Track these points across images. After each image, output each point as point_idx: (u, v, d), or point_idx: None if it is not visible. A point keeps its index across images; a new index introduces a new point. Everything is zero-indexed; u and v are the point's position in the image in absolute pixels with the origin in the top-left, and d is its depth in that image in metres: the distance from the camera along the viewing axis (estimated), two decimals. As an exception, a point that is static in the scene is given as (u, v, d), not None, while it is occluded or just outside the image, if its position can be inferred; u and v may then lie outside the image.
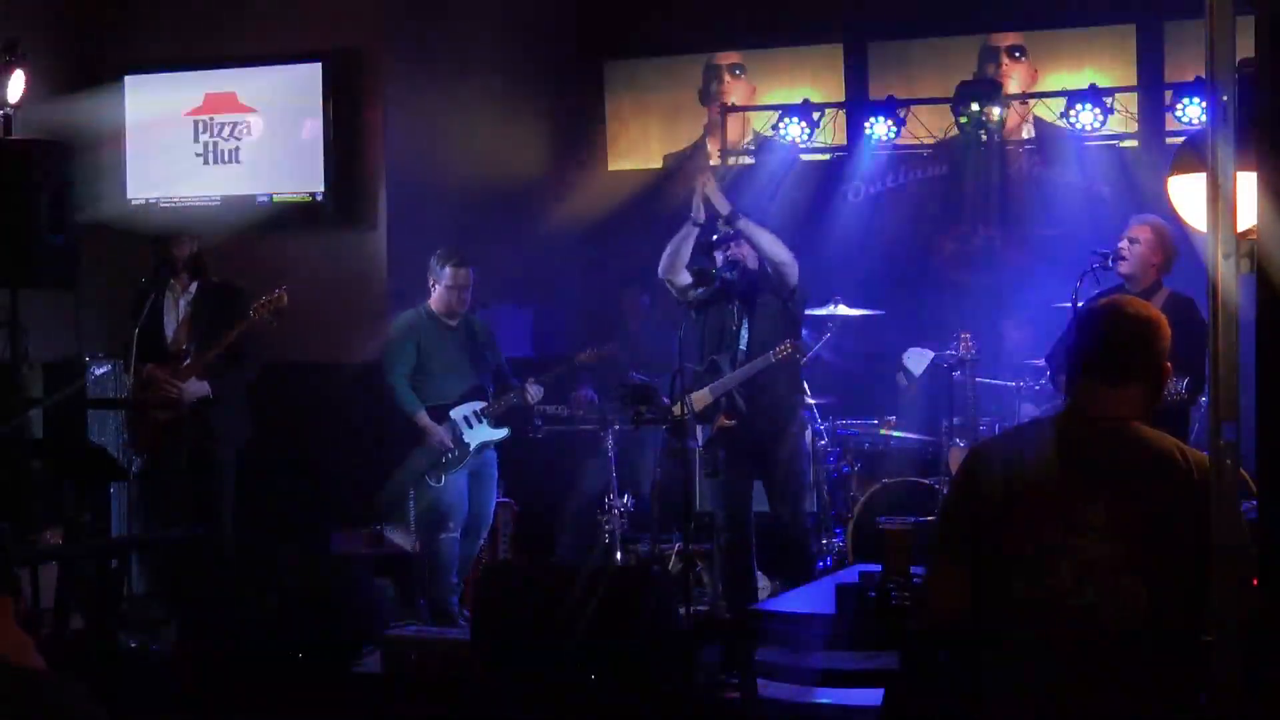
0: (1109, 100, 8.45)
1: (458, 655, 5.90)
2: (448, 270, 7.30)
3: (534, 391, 7.45)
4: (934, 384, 7.92)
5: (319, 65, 8.35)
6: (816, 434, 7.65)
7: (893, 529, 4.40)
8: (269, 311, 7.03)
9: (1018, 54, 9.37)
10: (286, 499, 7.75)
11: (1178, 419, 5.69)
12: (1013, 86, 9.17)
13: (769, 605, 6.52)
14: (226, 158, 8.55)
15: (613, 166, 10.18)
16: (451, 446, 7.28)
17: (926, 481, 7.55)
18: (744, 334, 6.84)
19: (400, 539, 7.43)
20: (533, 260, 8.94)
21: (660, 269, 6.91)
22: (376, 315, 7.96)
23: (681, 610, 5.98)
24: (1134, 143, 8.90)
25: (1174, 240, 6.18)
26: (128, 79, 8.61)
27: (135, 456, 7.44)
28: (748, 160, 9.51)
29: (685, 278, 6.84)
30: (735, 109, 9.46)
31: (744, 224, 6.72)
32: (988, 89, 8.59)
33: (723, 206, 6.73)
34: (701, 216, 6.83)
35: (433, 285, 7.37)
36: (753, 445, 6.89)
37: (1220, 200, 2.62)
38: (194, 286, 7.30)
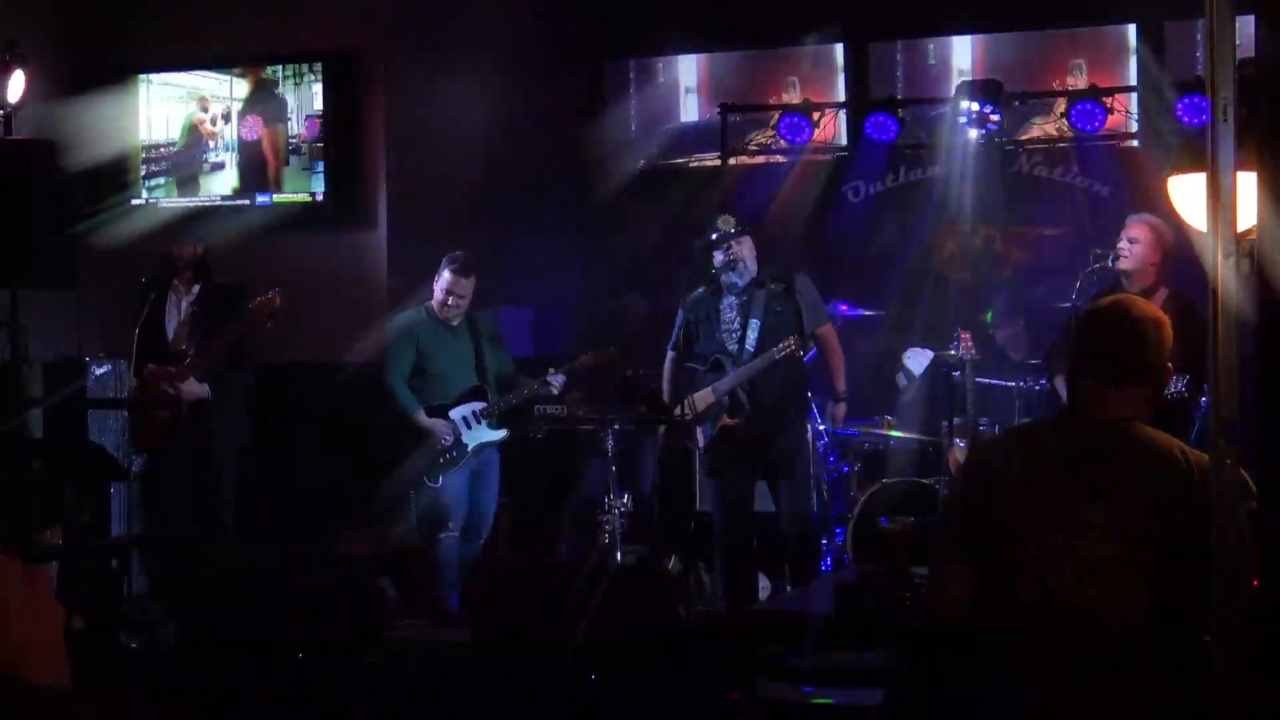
0: (1109, 100, 8.44)
1: (458, 655, 5.90)
2: (446, 274, 7.31)
3: (556, 382, 7.43)
4: (934, 384, 7.91)
5: (319, 65, 8.35)
6: (816, 434, 7.65)
7: (893, 529, 4.40)
8: (264, 314, 7.04)
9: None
10: (286, 499, 7.75)
11: (1177, 418, 5.68)
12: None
13: (769, 605, 6.53)
14: (225, 158, 8.55)
15: (613, 166, 10.17)
16: (449, 449, 7.28)
17: (926, 481, 7.54)
18: (751, 335, 6.87)
19: (400, 539, 7.44)
20: (533, 260, 8.94)
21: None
22: (376, 315, 7.95)
23: (681, 610, 5.97)
24: (1134, 143, 8.89)
25: (1172, 239, 6.19)
26: (127, 79, 8.61)
27: (135, 456, 7.44)
28: (748, 160, 9.51)
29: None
30: (735, 108, 9.45)
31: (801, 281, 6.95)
32: (988, 89, 8.58)
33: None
34: None
35: (434, 285, 7.38)
36: (756, 444, 6.90)
37: (1220, 200, 2.62)
38: (197, 288, 7.31)
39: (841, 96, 9.67)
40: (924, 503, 7.22)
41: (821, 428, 7.68)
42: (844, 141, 9.37)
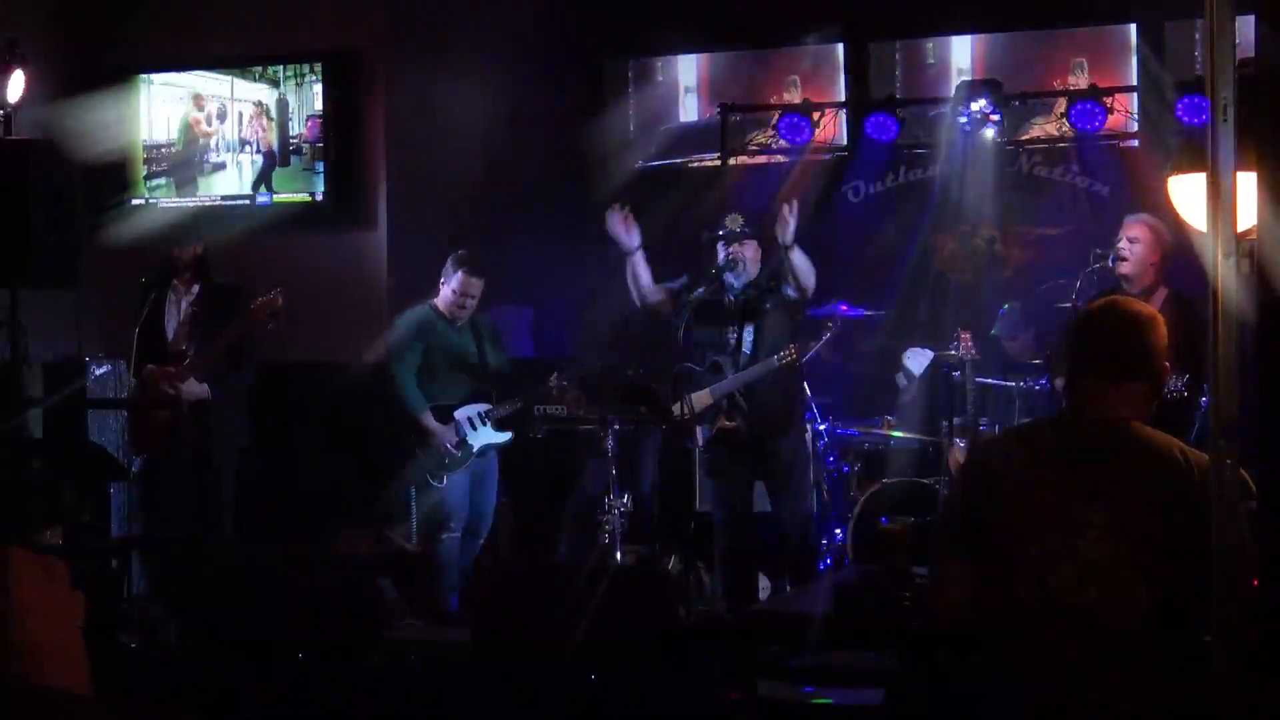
0: (1109, 100, 8.44)
1: (458, 655, 5.90)
2: (459, 275, 7.31)
3: (557, 385, 7.48)
4: (934, 384, 7.91)
5: (319, 65, 8.35)
6: (816, 434, 7.65)
7: (893, 529, 4.41)
8: (265, 314, 7.04)
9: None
10: (286, 499, 7.75)
11: (1177, 417, 5.68)
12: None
13: (769, 605, 6.54)
14: (226, 158, 8.55)
15: (612, 166, 10.16)
16: (454, 450, 7.28)
17: (926, 481, 7.54)
18: (748, 337, 6.87)
19: (401, 539, 7.43)
20: (533, 260, 8.94)
21: (636, 301, 7.03)
22: (376, 315, 7.96)
23: (681, 610, 5.98)
24: (1134, 143, 8.89)
25: (1171, 239, 6.19)
26: (127, 79, 8.62)
27: (135, 456, 7.44)
28: (748, 160, 9.51)
29: (659, 294, 7.01)
30: (735, 108, 9.45)
31: (796, 253, 6.82)
32: (988, 89, 8.58)
33: (786, 236, 6.73)
34: (634, 243, 7.02)
35: (442, 285, 7.38)
36: (754, 445, 6.90)
37: (1220, 200, 2.62)
38: (197, 288, 7.31)
39: (841, 96, 9.67)
40: (924, 503, 7.22)
41: (820, 425, 7.69)
42: (844, 141, 9.37)
